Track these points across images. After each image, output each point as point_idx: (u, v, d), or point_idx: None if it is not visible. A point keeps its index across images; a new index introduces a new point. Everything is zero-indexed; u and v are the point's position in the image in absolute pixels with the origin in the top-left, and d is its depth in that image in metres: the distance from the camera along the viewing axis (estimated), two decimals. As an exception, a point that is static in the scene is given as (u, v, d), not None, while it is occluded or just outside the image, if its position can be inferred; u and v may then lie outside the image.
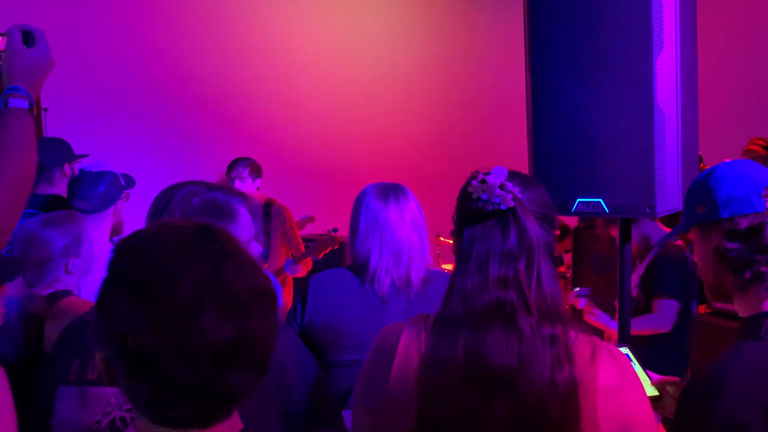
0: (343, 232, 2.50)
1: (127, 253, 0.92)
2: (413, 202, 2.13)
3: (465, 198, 1.25)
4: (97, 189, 2.71)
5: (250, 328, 0.89)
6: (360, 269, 2.09)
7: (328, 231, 4.46)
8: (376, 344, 1.32)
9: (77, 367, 1.42)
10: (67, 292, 2.19)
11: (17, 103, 1.29)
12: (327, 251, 4.41)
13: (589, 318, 3.14)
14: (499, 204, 1.21)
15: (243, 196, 1.57)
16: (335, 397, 1.66)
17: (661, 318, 3.03)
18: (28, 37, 1.34)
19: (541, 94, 2.01)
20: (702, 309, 3.77)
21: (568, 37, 1.92)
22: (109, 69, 5.26)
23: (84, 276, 2.32)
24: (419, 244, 2.08)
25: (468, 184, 1.25)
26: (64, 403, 1.42)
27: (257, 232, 2.02)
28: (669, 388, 1.69)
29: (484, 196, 1.22)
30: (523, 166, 2.09)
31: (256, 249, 1.59)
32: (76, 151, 3.44)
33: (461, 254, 1.25)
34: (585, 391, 1.16)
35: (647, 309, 3.09)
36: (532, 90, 2.03)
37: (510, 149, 3.46)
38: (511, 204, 1.21)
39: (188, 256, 0.89)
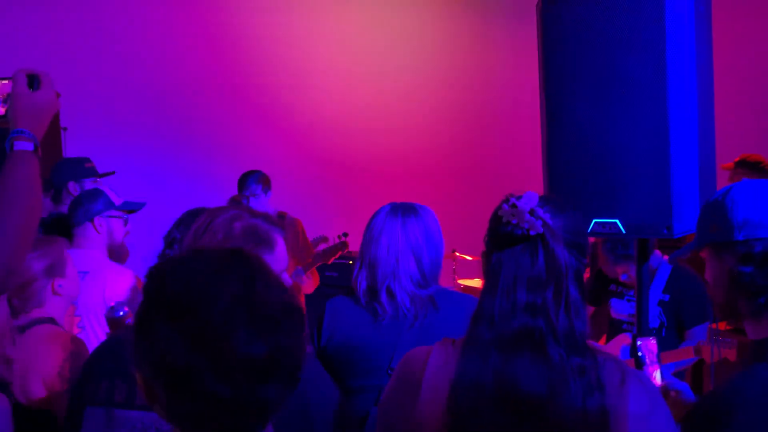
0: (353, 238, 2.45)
1: (162, 276, 0.98)
2: (416, 223, 2.09)
3: (495, 221, 1.26)
4: (80, 204, 2.80)
5: (281, 343, 0.94)
6: (371, 295, 2.08)
7: (339, 236, 4.49)
8: (402, 368, 1.32)
9: (105, 388, 1.45)
10: (47, 320, 2.14)
11: (22, 145, 1.31)
12: (337, 255, 4.45)
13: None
14: (527, 229, 1.21)
15: (281, 227, 1.60)
16: (355, 423, 1.66)
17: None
18: (33, 81, 1.37)
19: (556, 113, 2.00)
20: (722, 326, 3.71)
21: (583, 56, 1.92)
22: (124, 87, 5.33)
23: (75, 297, 2.32)
24: (414, 265, 2.04)
25: (499, 207, 1.26)
26: (91, 423, 1.44)
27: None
28: (672, 392, 1.68)
29: (513, 221, 1.22)
30: (539, 185, 2.08)
31: (286, 281, 1.60)
32: (100, 170, 3.48)
33: (489, 277, 1.26)
34: (616, 418, 1.16)
35: (674, 338, 2.99)
36: (546, 109, 2.03)
37: (526, 165, 3.45)
38: (540, 230, 1.21)
39: (220, 276, 0.95)
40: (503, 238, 1.24)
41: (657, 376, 1.77)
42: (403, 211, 2.11)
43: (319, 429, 1.46)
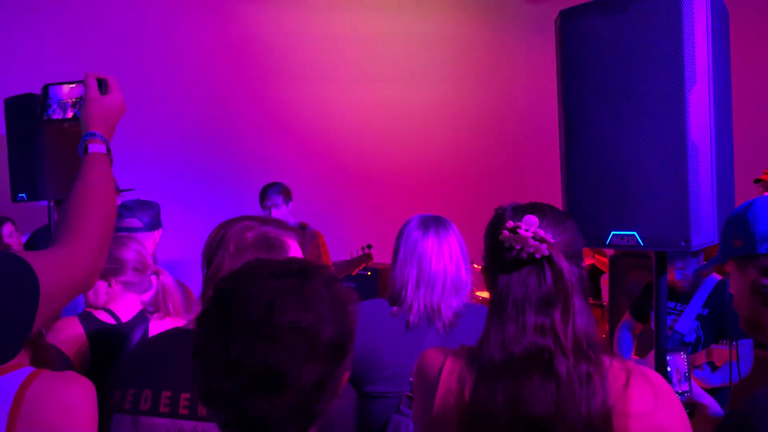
0: (377, 251, 2.48)
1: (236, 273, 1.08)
2: (454, 235, 2.15)
3: (497, 245, 1.28)
4: (149, 210, 2.96)
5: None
6: (396, 298, 2.11)
7: (363, 247, 4.52)
8: (418, 374, 1.37)
9: (131, 396, 1.49)
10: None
11: (96, 147, 1.36)
12: (361, 267, 4.47)
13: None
14: (533, 253, 1.24)
15: (294, 231, 1.64)
16: (375, 429, 1.68)
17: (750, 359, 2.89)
18: (103, 85, 1.41)
19: (573, 126, 2.02)
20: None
21: (601, 70, 1.94)
22: (146, 101, 5.40)
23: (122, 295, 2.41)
24: (455, 277, 2.10)
25: (497, 230, 1.28)
26: (118, 430, 1.48)
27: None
28: (699, 407, 1.67)
29: (517, 246, 1.24)
30: (557, 196, 2.10)
31: None
32: (121, 186, 3.56)
33: (497, 300, 1.28)
34: (618, 417, 1.19)
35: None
36: (564, 122, 2.05)
37: (545, 176, 3.46)
38: (546, 253, 1.23)
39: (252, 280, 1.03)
40: (509, 263, 1.26)
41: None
42: (441, 225, 2.16)
43: None
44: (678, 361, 1.71)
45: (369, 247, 4.53)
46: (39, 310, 1.09)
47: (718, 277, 3.07)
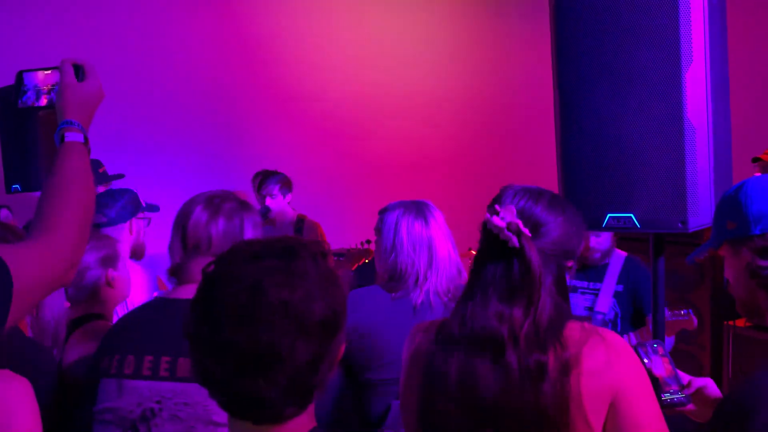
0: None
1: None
2: (443, 218, 2.19)
3: (482, 227, 1.31)
4: (114, 204, 2.79)
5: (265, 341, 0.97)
6: (398, 285, 2.11)
7: (362, 243, 4.49)
8: (407, 338, 1.44)
9: (116, 362, 1.59)
10: (98, 316, 2.17)
11: (73, 137, 1.31)
12: (360, 263, 4.45)
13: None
14: (505, 243, 1.26)
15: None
16: (375, 416, 1.69)
17: None
18: (79, 71, 1.36)
19: (569, 107, 2.00)
20: (741, 323, 3.68)
21: (596, 51, 1.91)
22: (142, 87, 5.37)
23: (126, 296, 2.32)
24: (455, 256, 2.15)
25: (489, 209, 1.31)
26: (104, 393, 1.59)
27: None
28: (695, 389, 1.63)
29: (495, 232, 1.26)
30: (553, 180, 2.07)
31: None
32: (111, 171, 3.53)
33: (470, 278, 1.33)
34: (572, 374, 1.23)
35: (628, 328, 3.00)
36: (560, 103, 2.02)
37: (541, 160, 3.44)
38: (516, 245, 1.25)
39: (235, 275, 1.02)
40: (486, 247, 1.30)
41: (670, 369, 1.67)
42: (434, 210, 2.20)
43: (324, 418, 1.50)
44: (656, 347, 1.62)
45: (368, 242, 4.52)
46: (12, 306, 1.05)
47: (623, 253, 3.11)
